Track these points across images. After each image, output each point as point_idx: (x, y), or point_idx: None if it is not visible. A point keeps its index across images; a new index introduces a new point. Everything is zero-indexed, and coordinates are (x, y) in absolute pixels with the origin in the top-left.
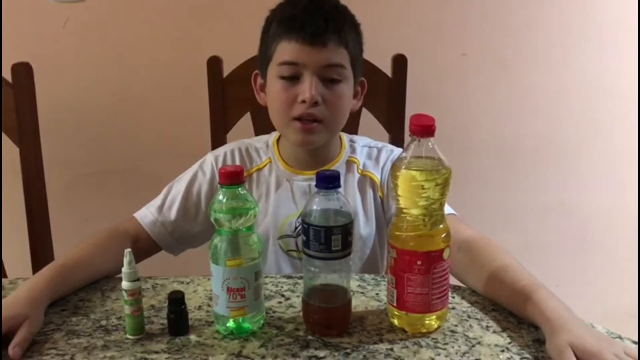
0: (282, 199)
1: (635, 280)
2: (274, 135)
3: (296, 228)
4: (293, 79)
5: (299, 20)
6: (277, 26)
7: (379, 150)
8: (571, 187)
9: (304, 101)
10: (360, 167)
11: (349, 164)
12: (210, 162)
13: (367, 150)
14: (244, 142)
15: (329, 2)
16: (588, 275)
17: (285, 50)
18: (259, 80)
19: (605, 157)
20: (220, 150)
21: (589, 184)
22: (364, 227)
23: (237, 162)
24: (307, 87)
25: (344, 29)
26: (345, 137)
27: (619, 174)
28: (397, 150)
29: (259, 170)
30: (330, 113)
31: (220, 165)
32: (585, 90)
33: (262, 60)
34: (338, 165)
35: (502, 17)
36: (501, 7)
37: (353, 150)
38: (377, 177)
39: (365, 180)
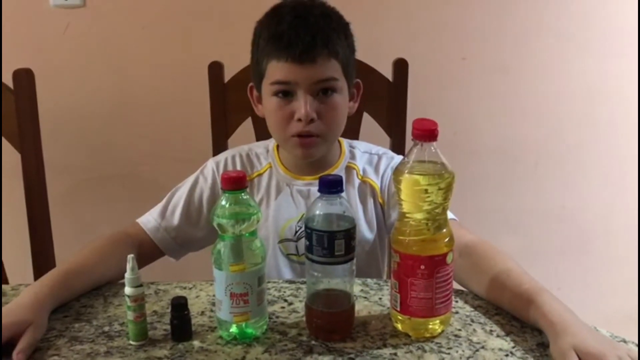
0: (282, 203)
1: (635, 283)
2: (274, 140)
3: (296, 232)
4: (287, 96)
5: (285, 39)
6: (265, 43)
7: (379, 158)
8: (572, 191)
9: (299, 119)
10: (360, 173)
11: (348, 169)
12: (211, 167)
13: (367, 156)
14: (245, 148)
15: (314, 11)
16: (589, 279)
17: (276, 69)
18: (255, 93)
19: (606, 161)
20: (221, 156)
21: (590, 187)
22: (365, 233)
23: (238, 168)
24: (301, 106)
25: (333, 39)
26: (345, 142)
27: (619, 178)
28: (398, 158)
29: (260, 175)
30: (327, 126)
31: (221, 170)
32: (585, 94)
33: (255, 75)
34: (337, 171)
35: (501, 21)
36: (501, 12)
37: (353, 156)
38: (377, 184)
39: (365, 186)
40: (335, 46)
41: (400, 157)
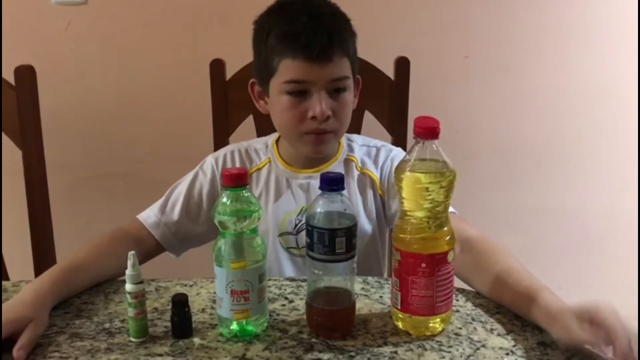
0: (281, 197)
1: (636, 283)
2: (273, 136)
3: (296, 225)
4: (300, 95)
5: (303, 39)
6: (276, 41)
7: (378, 150)
8: (573, 190)
9: (314, 117)
10: (359, 165)
11: (347, 162)
12: (210, 163)
13: (365, 149)
14: (244, 144)
15: (325, 10)
16: (590, 278)
17: (290, 68)
18: (257, 89)
19: (607, 159)
20: (220, 152)
21: (591, 186)
22: (365, 224)
23: (237, 163)
24: (317, 104)
25: (345, 38)
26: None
27: (620, 176)
28: (396, 149)
29: (259, 170)
30: (339, 123)
31: (220, 166)
32: (586, 92)
33: (261, 72)
34: (336, 164)
35: (504, 20)
36: (503, 10)
37: (351, 149)
38: (376, 175)
39: (365, 178)
40: (348, 45)
41: (399, 149)
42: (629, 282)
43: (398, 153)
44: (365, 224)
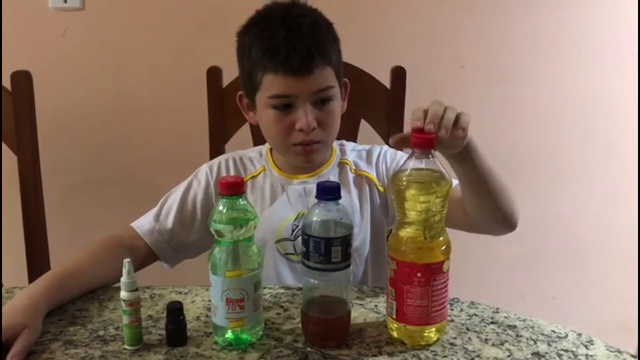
0: (277, 203)
1: (629, 292)
2: (267, 145)
3: (293, 231)
4: (286, 108)
5: (282, 54)
6: (258, 56)
7: (368, 151)
8: (567, 199)
9: (301, 129)
10: (353, 167)
11: (342, 165)
12: (205, 171)
13: (356, 153)
14: (238, 153)
15: (304, 20)
16: (584, 288)
17: (273, 83)
18: (245, 101)
19: (601, 168)
20: (215, 161)
21: (585, 195)
22: (361, 225)
23: (232, 171)
24: (302, 116)
25: (326, 47)
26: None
27: (614, 186)
28: (385, 146)
29: (254, 177)
30: (327, 132)
31: (214, 174)
32: (581, 102)
33: (246, 84)
34: (331, 168)
35: (499, 30)
36: (498, 21)
37: (343, 153)
38: (372, 174)
39: (361, 179)
40: (329, 54)
41: (387, 147)
42: (622, 291)
43: (388, 149)
44: (362, 224)
